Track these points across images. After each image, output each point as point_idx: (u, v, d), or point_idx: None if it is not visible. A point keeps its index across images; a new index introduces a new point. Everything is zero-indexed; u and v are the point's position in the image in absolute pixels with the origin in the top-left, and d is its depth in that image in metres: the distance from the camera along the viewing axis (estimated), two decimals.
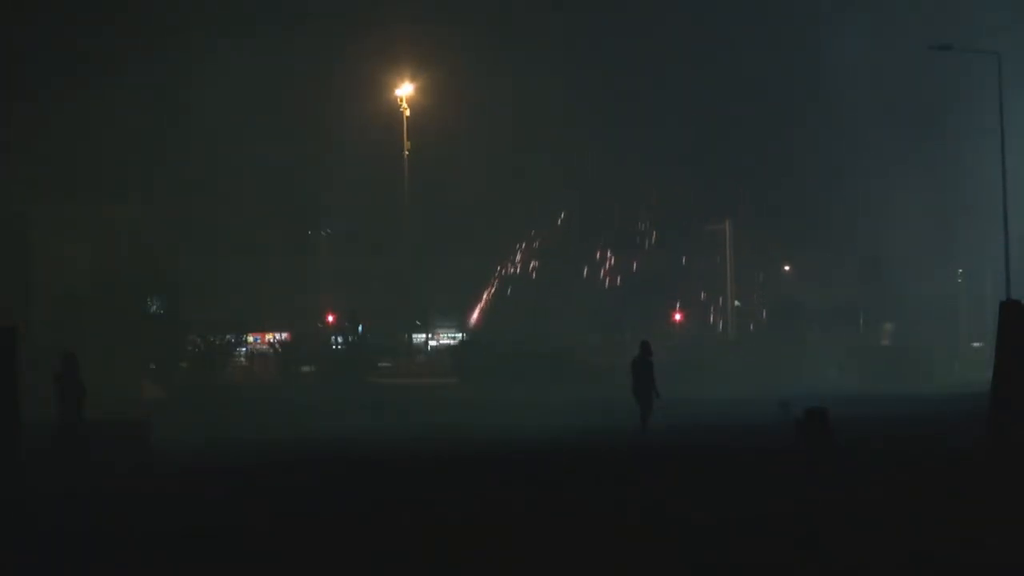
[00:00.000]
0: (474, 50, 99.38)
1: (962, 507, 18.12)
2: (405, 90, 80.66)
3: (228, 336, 78.49)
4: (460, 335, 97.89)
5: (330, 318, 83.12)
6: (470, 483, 22.23)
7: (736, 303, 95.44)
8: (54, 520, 19.00)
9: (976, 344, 66.16)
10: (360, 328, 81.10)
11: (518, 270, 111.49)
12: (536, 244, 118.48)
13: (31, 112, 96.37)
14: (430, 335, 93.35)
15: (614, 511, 18.53)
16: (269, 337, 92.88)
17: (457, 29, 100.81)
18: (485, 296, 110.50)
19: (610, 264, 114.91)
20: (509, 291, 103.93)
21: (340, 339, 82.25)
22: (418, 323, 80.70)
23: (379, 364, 75.56)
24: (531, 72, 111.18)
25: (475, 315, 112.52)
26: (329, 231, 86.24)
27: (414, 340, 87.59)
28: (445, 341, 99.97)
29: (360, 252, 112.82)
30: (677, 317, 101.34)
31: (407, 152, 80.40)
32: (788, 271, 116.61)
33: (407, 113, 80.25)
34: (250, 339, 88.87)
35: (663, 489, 20.99)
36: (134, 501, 21.12)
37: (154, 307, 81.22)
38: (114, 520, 18.80)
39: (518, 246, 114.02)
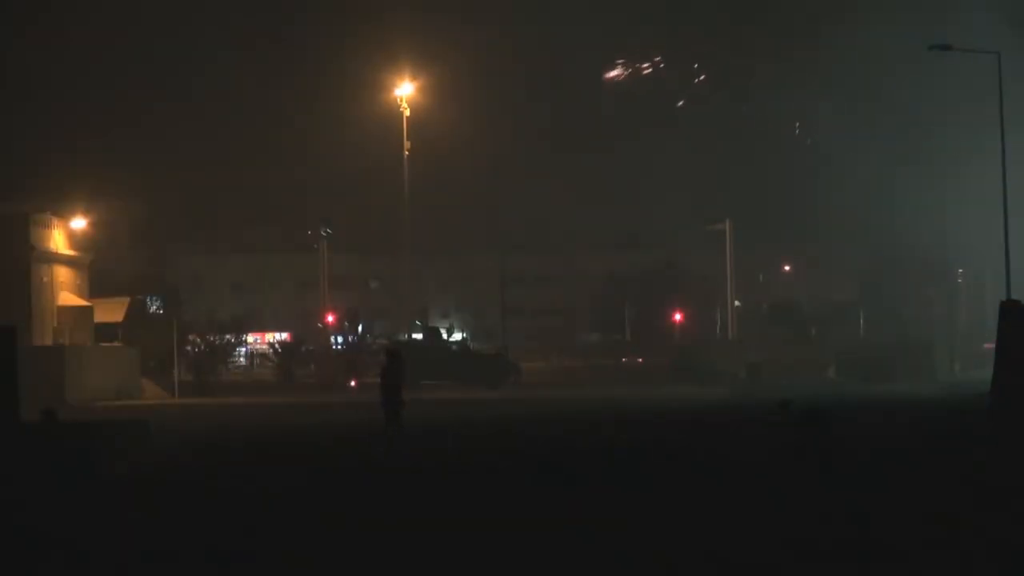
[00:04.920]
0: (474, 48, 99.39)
1: (962, 507, 18.12)
2: (405, 90, 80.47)
3: (228, 336, 78.37)
4: (463, 335, 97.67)
5: (330, 318, 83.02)
6: None
7: (736, 303, 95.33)
8: (54, 518, 19.00)
9: (988, 345, 65.76)
10: (360, 328, 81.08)
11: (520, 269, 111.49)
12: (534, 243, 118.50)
13: (32, 113, 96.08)
14: None
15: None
16: (269, 337, 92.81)
17: (457, 28, 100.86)
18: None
19: (610, 263, 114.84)
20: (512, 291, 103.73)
21: (340, 339, 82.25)
22: (418, 323, 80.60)
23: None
24: (534, 69, 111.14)
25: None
26: (329, 231, 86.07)
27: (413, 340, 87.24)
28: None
29: (360, 252, 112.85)
30: (677, 317, 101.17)
31: (407, 152, 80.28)
32: (788, 271, 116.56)
33: (407, 113, 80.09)
34: (250, 339, 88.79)
35: (663, 492, 21.00)
36: (132, 500, 21.11)
37: (154, 307, 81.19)
38: (112, 520, 18.80)
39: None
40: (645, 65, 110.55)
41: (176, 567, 14.99)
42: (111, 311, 74.28)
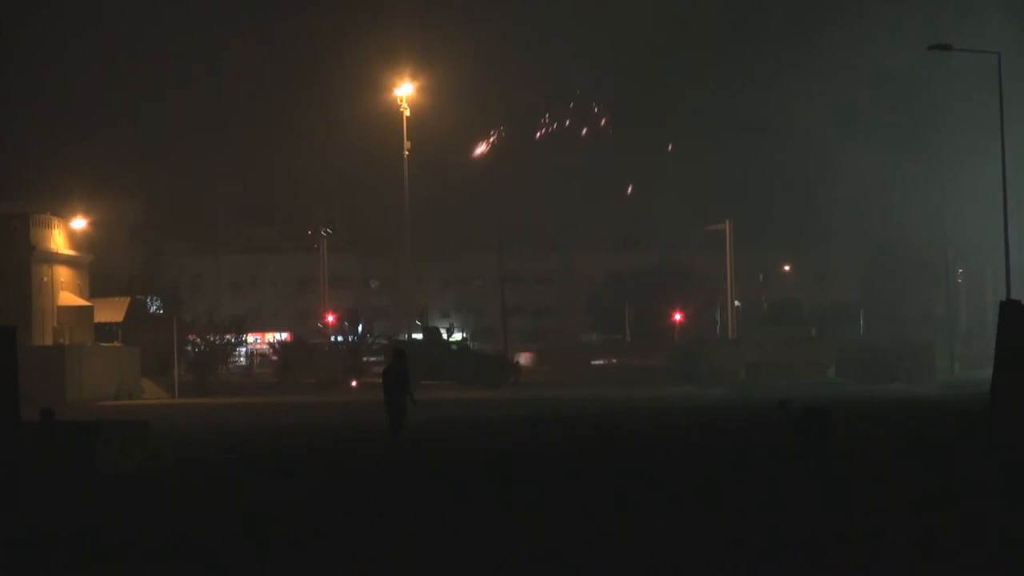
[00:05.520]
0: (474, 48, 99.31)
1: (962, 506, 18.12)
2: (405, 90, 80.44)
3: (228, 336, 78.37)
4: (462, 334, 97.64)
5: (330, 318, 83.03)
6: None
7: (736, 303, 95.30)
8: (54, 518, 19.00)
9: None
10: (360, 328, 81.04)
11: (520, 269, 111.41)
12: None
13: (32, 113, 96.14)
14: None
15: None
16: (269, 337, 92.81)
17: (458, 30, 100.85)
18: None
19: (610, 263, 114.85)
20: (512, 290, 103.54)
21: (340, 339, 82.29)
22: (418, 323, 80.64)
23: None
24: (534, 71, 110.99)
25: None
26: (330, 231, 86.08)
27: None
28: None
29: (360, 252, 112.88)
30: (677, 317, 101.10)
31: (407, 152, 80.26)
32: (788, 271, 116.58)
33: (407, 113, 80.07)
34: (250, 339, 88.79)
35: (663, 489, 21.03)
36: (132, 500, 21.13)
37: (154, 307, 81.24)
38: (111, 519, 18.82)
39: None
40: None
41: (175, 566, 15.00)
42: (111, 311, 74.34)
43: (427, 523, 17.61)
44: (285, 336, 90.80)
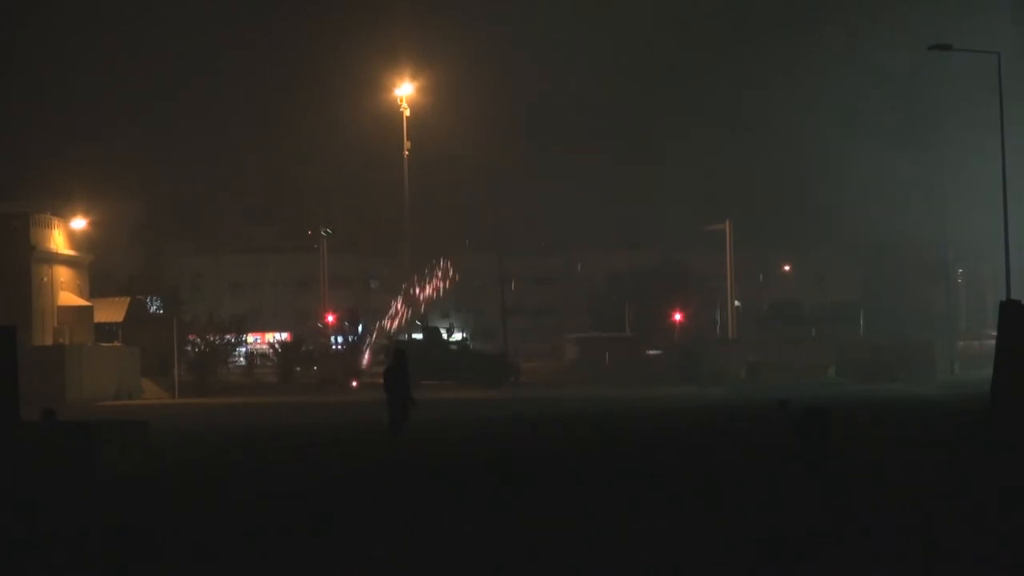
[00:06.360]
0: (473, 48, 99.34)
1: (961, 507, 18.13)
2: (405, 90, 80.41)
3: (228, 336, 78.35)
4: (463, 334, 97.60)
5: (330, 318, 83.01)
6: None
7: (736, 303, 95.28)
8: (54, 518, 19.00)
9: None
10: (360, 327, 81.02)
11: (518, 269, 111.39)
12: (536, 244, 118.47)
13: (32, 113, 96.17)
14: None
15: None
16: (269, 337, 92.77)
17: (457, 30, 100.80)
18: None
19: (610, 263, 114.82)
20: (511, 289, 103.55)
21: (340, 339, 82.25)
22: (418, 323, 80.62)
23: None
24: (533, 71, 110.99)
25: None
26: (329, 231, 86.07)
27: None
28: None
29: (360, 252, 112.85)
30: (677, 317, 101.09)
31: (407, 152, 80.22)
32: (788, 271, 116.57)
33: (407, 113, 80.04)
34: (250, 339, 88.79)
35: (664, 490, 21.02)
36: (132, 500, 21.13)
37: (154, 307, 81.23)
38: (111, 519, 18.82)
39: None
40: None
41: (176, 566, 15.00)
42: (111, 311, 74.36)
43: (427, 523, 17.61)
44: (285, 336, 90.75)
